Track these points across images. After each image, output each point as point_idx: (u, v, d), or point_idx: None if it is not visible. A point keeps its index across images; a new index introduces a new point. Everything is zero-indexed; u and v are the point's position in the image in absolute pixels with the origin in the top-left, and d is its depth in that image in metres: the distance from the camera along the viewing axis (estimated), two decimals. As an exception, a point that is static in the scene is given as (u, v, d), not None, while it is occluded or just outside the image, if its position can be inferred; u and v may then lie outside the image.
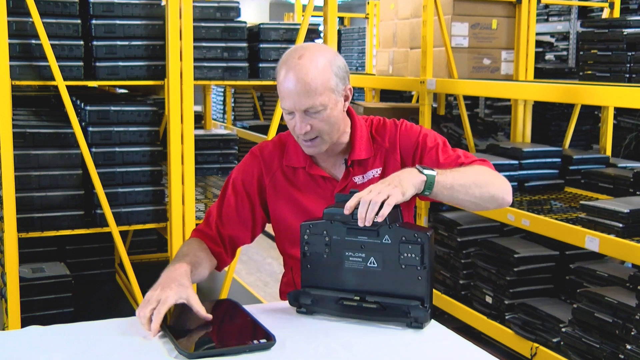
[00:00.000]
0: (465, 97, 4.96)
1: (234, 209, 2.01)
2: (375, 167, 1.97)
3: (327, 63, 1.84)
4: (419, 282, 1.68)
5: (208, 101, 5.24)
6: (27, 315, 3.15)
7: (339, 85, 1.86)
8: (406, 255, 1.68)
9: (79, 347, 1.60)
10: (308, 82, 1.80)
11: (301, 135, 1.86)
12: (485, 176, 1.86)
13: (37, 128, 3.14)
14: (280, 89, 1.85)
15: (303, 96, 1.81)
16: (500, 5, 4.64)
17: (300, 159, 1.98)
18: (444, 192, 1.78)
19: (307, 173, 1.98)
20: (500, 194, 1.87)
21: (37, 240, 3.42)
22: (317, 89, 1.81)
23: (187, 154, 3.22)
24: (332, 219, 1.72)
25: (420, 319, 1.68)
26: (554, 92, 3.55)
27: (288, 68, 1.83)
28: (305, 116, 1.84)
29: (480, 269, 3.82)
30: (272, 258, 5.82)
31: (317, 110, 1.83)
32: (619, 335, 2.93)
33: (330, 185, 1.97)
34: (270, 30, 3.59)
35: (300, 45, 1.94)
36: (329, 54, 1.87)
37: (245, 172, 2.03)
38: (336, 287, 1.75)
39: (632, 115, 4.93)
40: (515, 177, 3.92)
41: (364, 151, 1.97)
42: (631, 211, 2.97)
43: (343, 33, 8.65)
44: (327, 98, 1.83)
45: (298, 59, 1.82)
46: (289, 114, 1.86)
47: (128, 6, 3.19)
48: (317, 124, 1.85)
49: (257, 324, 1.66)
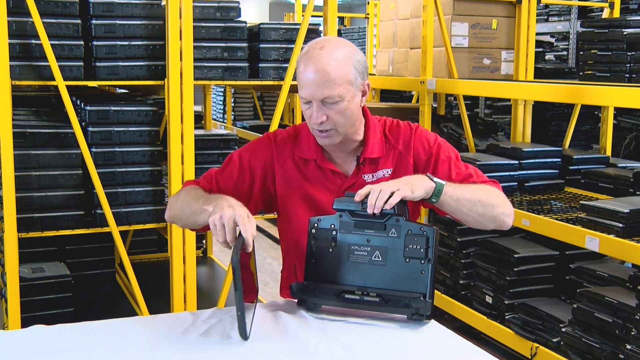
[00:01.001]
0: (465, 97, 4.96)
1: (234, 180, 2.00)
2: (386, 167, 1.99)
3: (347, 56, 1.87)
4: (423, 276, 1.70)
5: (208, 101, 5.23)
6: (27, 315, 3.15)
7: (358, 79, 1.89)
8: (411, 247, 1.71)
9: (82, 346, 1.60)
10: (328, 72, 1.83)
11: (316, 125, 1.88)
12: (491, 196, 1.90)
13: (37, 128, 3.14)
14: (300, 78, 1.88)
15: (322, 86, 1.83)
16: (500, 5, 4.64)
17: (312, 151, 1.99)
18: (450, 203, 1.83)
19: (318, 166, 1.99)
20: (502, 217, 1.91)
21: (37, 240, 3.42)
22: (336, 80, 1.84)
23: (187, 154, 3.22)
24: (342, 207, 1.76)
25: (421, 310, 1.69)
26: (554, 92, 3.55)
27: (309, 58, 1.86)
28: (322, 106, 1.86)
29: (480, 269, 3.82)
30: (272, 258, 5.81)
31: (334, 100, 1.85)
32: (619, 335, 2.93)
33: (339, 180, 1.98)
34: (270, 30, 3.59)
35: (322, 38, 1.97)
36: (350, 48, 1.91)
37: (255, 153, 2.03)
38: (339, 281, 1.76)
39: (632, 115, 4.94)
40: (515, 177, 3.92)
41: (376, 150, 1.98)
42: (631, 211, 2.97)
43: (343, 33, 8.66)
44: (345, 90, 1.86)
45: (319, 49, 1.86)
46: (306, 103, 1.89)
47: (128, 6, 3.19)
48: (333, 115, 1.87)
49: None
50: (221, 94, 7.89)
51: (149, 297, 3.32)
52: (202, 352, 1.59)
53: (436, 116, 5.09)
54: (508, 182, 3.89)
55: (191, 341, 1.64)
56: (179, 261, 3.26)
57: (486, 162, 3.85)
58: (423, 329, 1.71)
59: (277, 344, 1.60)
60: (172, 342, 1.61)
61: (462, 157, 1.99)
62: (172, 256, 3.28)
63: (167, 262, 3.38)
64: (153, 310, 3.10)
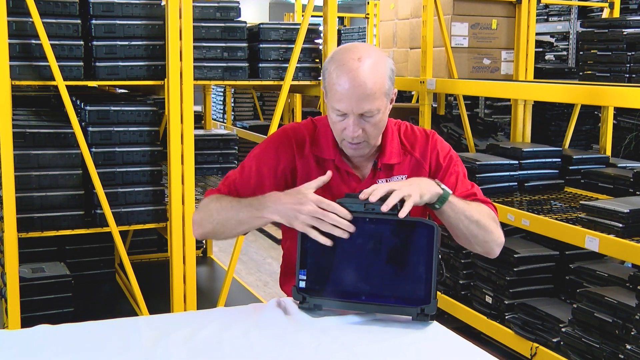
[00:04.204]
0: (465, 97, 4.96)
1: (252, 187, 1.94)
2: (402, 174, 1.98)
3: (384, 67, 1.83)
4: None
5: (208, 101, 5.24)
6: (27, 315, 3.15)
7: (391, 88, 1.86)
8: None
9: (86, 346, 1.60)
10: (369, 87, 1.78)
11: (350, 138, 1.85)
12: (489, 222, 1.90)
13: (37, 128, 3.14)
14: (334, 89, 1.81)
15: (362, 100, 1.79)
16: (500, 5, 4.64)
17: (331, 151, 1.96)
18: (451, 214, 1.83)
19: (335, 166, 1.97)
20: (492, 245, 1.92)
21: (37, 240, 3.42)
22: (375, 94, 1.80)
23: (187, 154, 3.22)
24: (345, 207, 1.74)
25: (427, 310, 1.68)
26: (554, 92, 3.55)
27: (346, 70, 1.79)
28: (360, 120, 1.83)
29: (480, 269, 3.82)
30: (272, 258, 5.81)
31: (372, 114, 1.82)
32: (619, 335, 2.93)
33: (354, 183, 1.97)
34: (270, 30, 3.59)
35: (354, 46, 1.88)
36: (384, 57, 1.86)
37: (276, 152, 1.96)
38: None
39: (632, 115, 4.94)
40: (515, 177, 3.92)
41: (394, 155, 1.97)
42: (631, 211, 2.97)
43: (343, 33, 8.66)
44: (382, 102, 1.83)
45: (358, 61, 1.80)
46: (340, 115, 1.84)
47: (128, 6, 3.19)
48: (368, 128, 1.84)
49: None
50: (221, 94, 7.89)
51: (149, 297, 3.32)
52: (202, 352, 1.59)
53: (436, 116, 5.09)
54: (508, 182, 3.89)
55: (191, 341, 1.63)
56: (179, 261, 3.26)
57: (486, 162, 3.85)
58: (423, 329, 1.70)
59: (277, 344, 1.60)
60: (172, 342, 1.61)
61: (462, 157, 2.00)
62: (172, 256, 3.28)
63: (167, 262, 3.38)
64: (153, 310, 3.10)
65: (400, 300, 1.70)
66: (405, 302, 1.70)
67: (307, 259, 1.77)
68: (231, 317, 1.78)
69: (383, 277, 1.73)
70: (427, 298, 1.69)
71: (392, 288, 1.72)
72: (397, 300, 1.71)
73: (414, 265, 1.71)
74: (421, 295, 1.69)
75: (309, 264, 1.77)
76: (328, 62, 1.86)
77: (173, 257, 3.27)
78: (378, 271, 1.73)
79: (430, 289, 1.69)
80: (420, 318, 1.69)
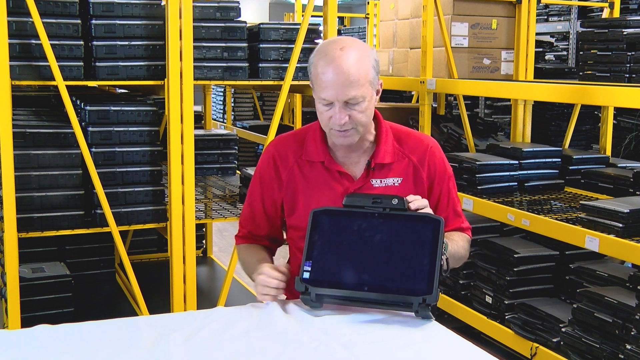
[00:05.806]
0: (465, 97, 4.96)
1: (263, 217, 2.09)
2: (397, 176, 1.99)
3: (367, 56, 1.89)
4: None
5: (208, 101, 5.23)
6: (27, 315, 3.15)
7: (375, 78, 1.92)
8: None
9: (87, 346, 1.60)
10: (352, 73, 1.84)
11: (338, 126, 1.88)
12: (465, 252, 2.04)
13: (37, 128, 3.14)
14: (319, 79, 1.87)
15: (347, 87, 1.84)
16: (500, 5, 4.64)
17: (320, 152, 2.00)
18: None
19: (325, 167, 1.99)
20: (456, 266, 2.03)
21: (37, 240, 3.43)
22: (359, 80, 1.85)
23: (187, 154, 3.22)
24: (352, 203, 1.78)
25: (429, 299, 1.69)
26: (554, 92, 3.55)
27: (330, 59, 1.85)
28: (346, 107, 1.87)
29: (480, 269, 3.82)
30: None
31: (357, 101, 1.86)
32: (619, 335, 2.93)
33: (346, 182, 1.98)
34: (270, 30, 3.59)
35: (338, 38, 1.96)
36: (367, 47, 1.93)
37: (263, 182, 2.08)
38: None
39: (632, 115, 4.94)
40: (515, 177, 3.92)
41: (388, 155, 1.99)
42: (631, 211, 2.97)
43: (343, 33, 8.66)
44: (366, 90, 1.87)
45: (340, 50, 1.85)
46: (327, 104, 1.88)
47: (128, 6, 3.19)
48: (355, 115, 1.88)
49: None
50: (221, 94, 7.89)
51: (149, 297, 3.32)
52: (202, 352, 1.59)
53: (436, 116, 5.09)
54: (508, 182, 3.89)
55: (191, 341, 1.64)
56: (179, 261, 3.26)
57: (486, 162, 3.85)
58: (423, 329, 1.70)
59: (277, 344, 1.60)
60: (172, 342, 1.61)
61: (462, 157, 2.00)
62: (172, 256, 3.28)
63: (167, 262, 3.38)
64: (153, 310, 3.10)
65: (403, 291, 1.71)
66: (407, 292, 1.70)
67: (313, 251, 1.78)
68: (231, 317, 1.78)
69: (386, 269, 1.74)
70: (430, 288, 1.69)
71: (395, 279, 1.72)
72: (399, 290, 1.71)
73: (418, 258, 1.72)
74: (424, 285, 1.70)
75: (315, 256, 1.78)
76: (313, 55, 1.92)
77: (173, 257, 3.27)
78: (382, 263, 1.74)
79: (432, 281, 1.69)
80: (421, 308, 1.69)
